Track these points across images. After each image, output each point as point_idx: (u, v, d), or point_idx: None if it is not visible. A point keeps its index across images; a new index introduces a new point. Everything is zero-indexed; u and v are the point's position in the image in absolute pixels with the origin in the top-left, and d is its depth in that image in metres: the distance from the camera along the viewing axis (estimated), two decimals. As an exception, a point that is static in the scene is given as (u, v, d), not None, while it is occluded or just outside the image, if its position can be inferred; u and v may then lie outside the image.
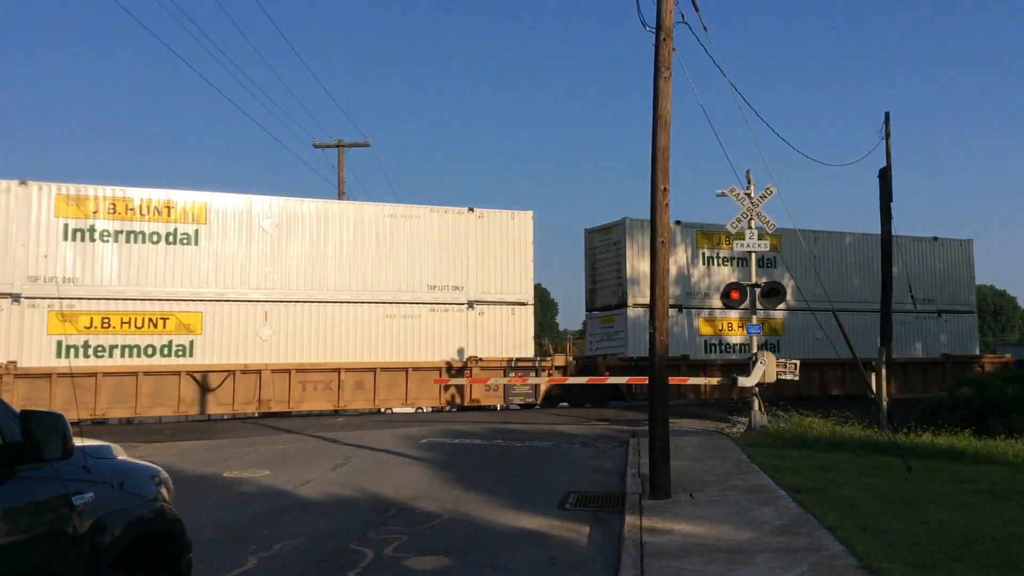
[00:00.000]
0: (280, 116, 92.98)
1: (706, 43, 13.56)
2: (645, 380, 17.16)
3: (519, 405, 25.65)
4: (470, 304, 25.91)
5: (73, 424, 4.57)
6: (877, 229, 25.97)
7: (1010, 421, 18.02)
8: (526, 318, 26.65)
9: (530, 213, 27.02)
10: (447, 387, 25.06)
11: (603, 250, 28.78)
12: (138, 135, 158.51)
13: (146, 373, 22.29)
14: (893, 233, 25.39)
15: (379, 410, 25.29)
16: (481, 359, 25.42)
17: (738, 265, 28.12)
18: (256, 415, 24.05)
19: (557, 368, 26.21)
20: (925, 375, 30.36)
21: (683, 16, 12.37)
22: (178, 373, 22.62)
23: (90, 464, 4.79)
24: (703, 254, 28.63)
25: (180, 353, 23.05)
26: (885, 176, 24.72)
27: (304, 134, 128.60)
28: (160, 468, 5.74)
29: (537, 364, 26.08)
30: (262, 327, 23.87)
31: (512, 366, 25.59)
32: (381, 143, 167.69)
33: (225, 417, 24.09)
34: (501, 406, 26.90)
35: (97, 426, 21.36)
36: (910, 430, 18.08)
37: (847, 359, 23.34)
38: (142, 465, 5.58)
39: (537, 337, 28.92)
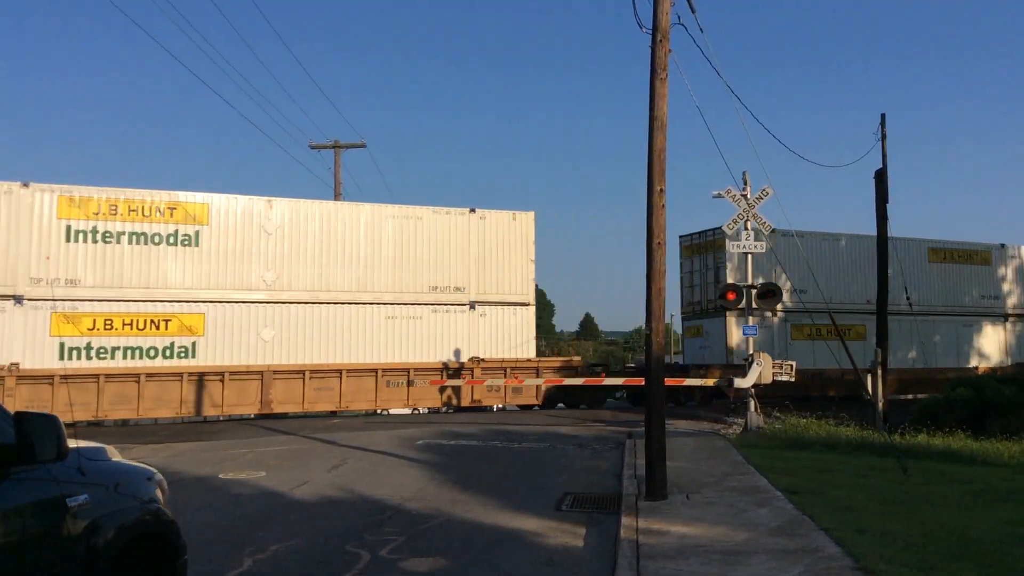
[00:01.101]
0: (276, 117, 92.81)
1: (703, 45, 13.56)
2: (641, 381, 17.17)
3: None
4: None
5: (68, 426, 4.55)
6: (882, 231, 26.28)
7: (1007, 422, 18.05)
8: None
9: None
10: (443, 388, 25.06)
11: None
12: (132, 136, 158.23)
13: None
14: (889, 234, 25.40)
15: (376, 411, 25.28)
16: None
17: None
18: (252, 416, 24.02)
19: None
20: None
21: (679, 18, 12.37)
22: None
23: (84, 466, 4.77)
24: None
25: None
26: (881, 177, 24.74)
27: (300, 135, 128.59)
28: (155, 470, 5.71)
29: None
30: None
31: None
32: (377, 145, 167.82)
33: (221, 419, 24.05)
34: (498, 407, 26.94)
35: (92, 428, 21.33)
36: (906, 431, 18.10)
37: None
38: (137, 467, 5.55)
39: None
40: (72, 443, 4.66)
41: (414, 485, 12.29)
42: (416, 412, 26.43)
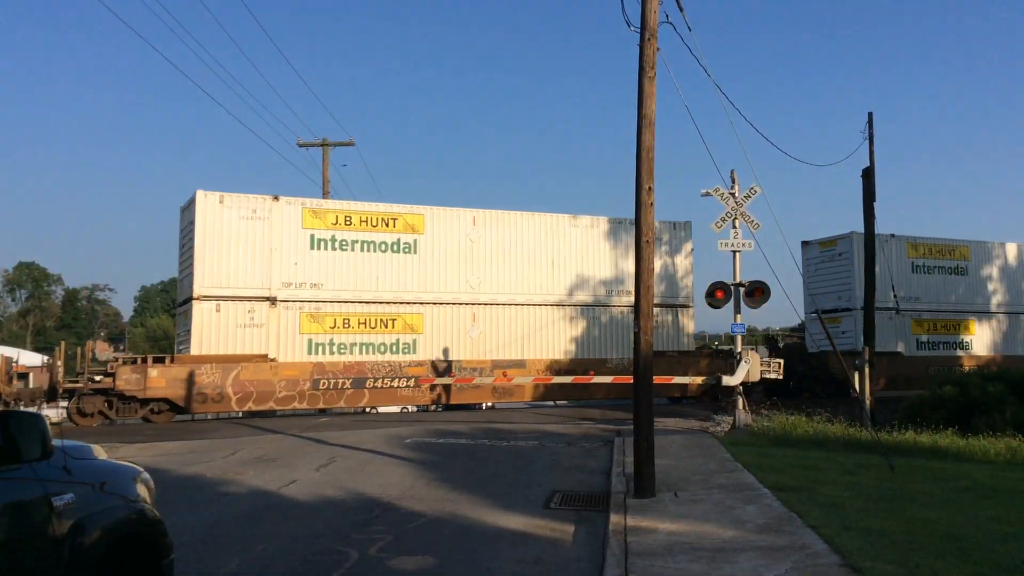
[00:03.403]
0: (264, 115, 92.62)
1: (691, 43, 13.58)
2: (630, 380, 17.16)
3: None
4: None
5: (53, 425, 4.52)
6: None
7: (992, 420, 18.15)
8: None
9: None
10: (433, 387, 25.11)
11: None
12: (126, 134, 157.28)
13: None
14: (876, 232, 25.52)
15: (364, 410, 25.30)
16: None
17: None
18: (240, 414, 24.00)
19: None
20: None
21: (667, 16, 12.38)
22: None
23: (70, 465, 4.74)
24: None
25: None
26: (868, 176, 24.84)
27: (289, 133, 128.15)
28: (141, 469, 5.68)
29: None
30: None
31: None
32: (365, 143, 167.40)
33: (208, 417, 24.03)
34: (488, 405, 27.03)
35: (77, 427, 21.24)
36: (893, 428, 18.18)
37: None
38: (123, 466, 5.52)
39: None
40: (58, 442, 4.64)
41: (402, 483, 12.28)
42: (404, 411, 26.45)
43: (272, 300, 23.76)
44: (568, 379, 24.18)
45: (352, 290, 24.86)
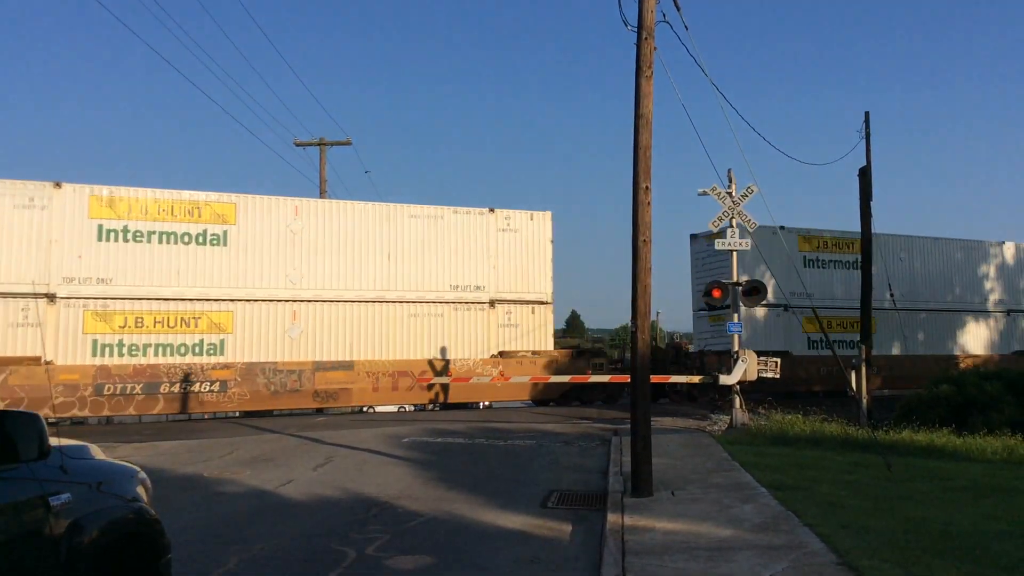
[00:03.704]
0: (261, 114, 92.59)
1: (687, 42, 13.59)
2: (627, 378, 17.18)
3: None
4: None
5: (51, 424, 4.52)
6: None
7: (989, 418, 18.18)
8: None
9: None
10: (430, 386, 25.11)
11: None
12: (119, 133, 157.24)
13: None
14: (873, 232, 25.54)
15: (361, 409, 25.28)
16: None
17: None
18: (237, 414, 23.97)
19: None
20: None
21: (664, 15, 12.39)
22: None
23: (67, 464, 4.73)
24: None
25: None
26: (865, 175, 24.87)
27: (285, 132, 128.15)
28: (139, 468, 5.68)
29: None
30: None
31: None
32: (363, 143, 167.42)
33: (206, 416, 23.99)
34: (484, 404, 27.01)
35: (76, 426, 21.22)
36: (890, 427, 18.20)
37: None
38: (120, 465, 5.52)
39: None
40: (55, 441, 4.63)
41: (400, 483, 12.28)
42: (402, 410, 26.44)
43: (51, 297, 21.71)
44: (565, 378, 24.19)
45: (147, 285, 22.79)
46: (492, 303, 26.37)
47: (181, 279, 23.17)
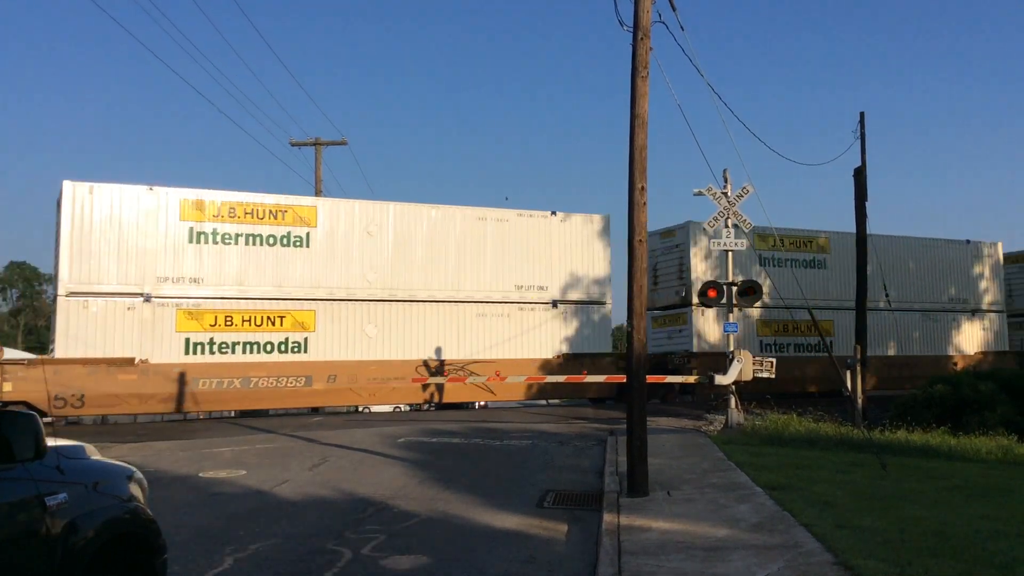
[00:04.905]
0: (257, 114, 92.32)
1: (683, 42, 13.61)
2: (623, 379, 17.17)
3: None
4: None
5: (47, 424, 4.51)
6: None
7: (984, 418, 18.25)
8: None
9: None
10: (430, 386, 25.04)
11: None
12: (114, 132, 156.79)
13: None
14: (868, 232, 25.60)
15: (357, 408, 25.27)
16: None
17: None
18: (232, 414, 23.95)
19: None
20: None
21: (660, 15, 12.40)
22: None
23: (63, 465, 4.73)
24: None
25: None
26: (860, 176, 24.93)
27: (281, 132, 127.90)
28: (134, 468, 5.67)
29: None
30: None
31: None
32: (358, 142, 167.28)
33: (201, 416, 23.97)
34: (480, 404, 27.00)
35: (71, 426, 21.18)
36: (885, 427, 18.25)
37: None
38: (116, 465, 5.51)
39: None
40: (51, 441, 4.63)
41: (396, 483, 12.27)
42: (397, 410, 26.44)
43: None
44: (561, 378, 24.18)
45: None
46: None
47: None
